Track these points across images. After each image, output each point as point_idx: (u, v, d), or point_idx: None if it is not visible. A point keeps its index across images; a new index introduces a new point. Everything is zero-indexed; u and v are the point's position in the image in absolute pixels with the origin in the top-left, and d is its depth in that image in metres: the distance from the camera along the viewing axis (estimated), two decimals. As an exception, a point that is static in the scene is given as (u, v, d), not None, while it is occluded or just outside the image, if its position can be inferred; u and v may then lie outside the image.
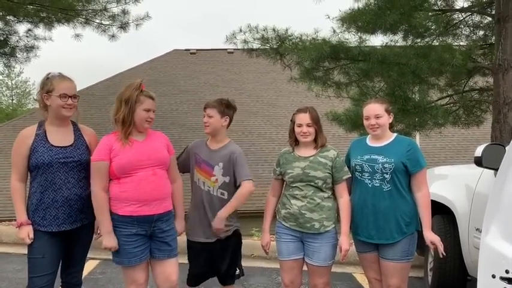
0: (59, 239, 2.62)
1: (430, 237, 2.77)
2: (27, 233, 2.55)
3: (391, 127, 2.98)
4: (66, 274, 2.78)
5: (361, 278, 4.64)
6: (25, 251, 2.65)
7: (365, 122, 2.92)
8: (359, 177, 2.88)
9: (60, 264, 2.75)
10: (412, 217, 2.81)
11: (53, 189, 2.57)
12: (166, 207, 2.71)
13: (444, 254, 2.78)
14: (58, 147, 2.59)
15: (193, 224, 2.98)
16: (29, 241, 2.55)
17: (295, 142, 2.95)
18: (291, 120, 2.97)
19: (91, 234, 2.80)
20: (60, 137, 2.63)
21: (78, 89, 2.73)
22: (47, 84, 2.59)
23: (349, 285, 4.46)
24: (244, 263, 4.93)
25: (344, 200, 2.85)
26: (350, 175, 2.89)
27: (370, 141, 2.94)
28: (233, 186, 2.93)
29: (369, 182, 2.83)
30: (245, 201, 2.96)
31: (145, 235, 2.66)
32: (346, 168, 2.89)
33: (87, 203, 2.66)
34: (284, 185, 3.00)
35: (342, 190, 2.86)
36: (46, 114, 2.64)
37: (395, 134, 2.95)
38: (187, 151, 3.09)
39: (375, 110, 2.85)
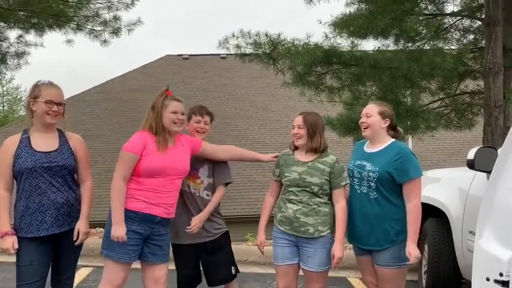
0: (47, 246, 2.61)
1: (411, 250, 2.62)
2: (11, 243, 2.53)
3: (397, 137, 2.87)
4: (56, 282, 2.75)
5: (355, 282, 4.63)
6: (15, 259, 2.62)
7: (359, 121, 2.90)
8: (351, 182, 2.87)
9: (50, 272, 2.72)
10: (402, 225, 2.70)
11: (38, 193, 2.57)
12: (171, 214, 2.75)
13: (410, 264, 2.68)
14: (41, 152, 2.60)
15: (180, 227, 2.94)
16: (13, 251, 2.54)
17: (295, 145, 2.93)
18: None
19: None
20: (44, 142, 2.64)
21: (69, 96, 2.78)
22: (35, 91, 2.63)
23: (344, 290, 4.45)
24: (239, 268, 4.91)
25: (340, 207, 2.81)
26: (348, 181, 2.86)
27: (366, 146, 2.91)
28: (215, 186, 3.02)
29: (358, 188, 2.81)
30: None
31: (143, 235, 2.67)
32: (345, 174, 2.85)
33: (74, 207, 2.69)
34: (282, 188, 2.98)
35: (339, 196, 2.82)
36: (32, 120, 2.66)
37: (391, 141, 2.83)
38: None
39: (367, 109, 2.83)
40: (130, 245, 2.62)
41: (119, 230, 2.57)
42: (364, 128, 2.83)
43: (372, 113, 2.80)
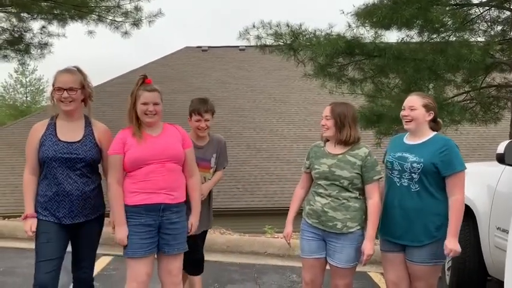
0: (63, 228, 2.63)
1: (450, 246, 2.55)
2: (29, 225, 2.59)
3: (437, 129, 2.80)
4: (76, 269, 2.78)
5: (376, 276, 4.57)
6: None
7: (401, 114, 2.80)
8: (389, 175, 2.77)
9: (71, 260, 2.76)
10: (443, 220, 2.63)
11: (55, 183, 2.59)
12: (176, 199, 2.68)
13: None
14: (65, 142, 2.61)
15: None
16: (31, 234, 2.59)
17: (325, 137, 2.86)
18: None
19: (98, 229, 2.79)
20: (69, 132, 2.65)
21: None
22: (53, 79, 2.64)
23: (364, 284, 4.39)
24: (258, 260, 4.91)
25: (373, 202, 2.71)
26: (382, 176, 2.76)
27: (406, 139, 2.82)
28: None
29: (398, 180, 2.71)
30: None
31: (154, 226, 2.64)
32: (378, 168, 2.74)
33: (90, 199, 2.68)
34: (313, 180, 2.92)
35: (372, 191, 2.71)
36: (56, 109, 2.67)
37: (434, 133, 2.75)
38: None
39: (411, 102, 2.73)
40: (142, 238, 2.62)
41: (120, 232, 2.61)
42: (408, 121, 2.73)
43: (416, 106, 2.71)
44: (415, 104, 2.72)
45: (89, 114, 2.78)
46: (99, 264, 4.64)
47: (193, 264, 3.16)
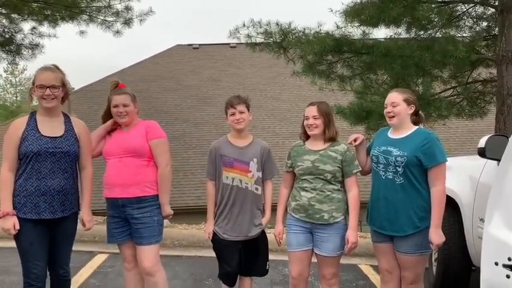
0: (42, 227, 2.64)
1: (434, 238, 2.67)
2: (12, 223, 2.56)
3: (419, 121, 2.90)
4: (52, 265, 2.78)
5: (366, 268, 4.69)
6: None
7: (384, 112, 2.92)
8: (375, 168, 2.89)
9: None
10: (427, 211, 2.73)
11: (38, 177, 2.60)
12: (134, 193, 2.80)
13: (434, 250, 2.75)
14: (48, 137, 2.63)
15: (235, 222, 2.97)
16: (14, 232, 2.56)
17: (305, 135, 2.99)
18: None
19: (74, 226, 2.83)
20: (50, 127, 2.68)
21: (81, 86, 2.92)
22: (34, 77, 2.72)
23: (355, 276, 4.50)
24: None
25: (353, 194, 2.88)
26: (360, 169, 2.93)
27: (390, 133, 2.93)
28: (262, 180, 3.06)
29: (383, 173, 2.83)
30: None
31: (120, 217, 2.87)
32: (356, 163, 2.91)
33: (70, 195, 2.72)
34: (295, 178, 3.03)
35: (351, 184, 2.89)
36: (31, 106, 2.81)
37: (416, 127, 2.86)
38: (210, 158, 3.04)
39: (392, 98, 2.85)
40: (114, 228, 2.93)
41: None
42: (391, 117, 2.84)
43: (398, 102, 2.82)
44: (396, 99, 2.83)
45: (69, 111, 2.83)
46: (95, 262, 4.72)
47: (258, 270, 3.12)
